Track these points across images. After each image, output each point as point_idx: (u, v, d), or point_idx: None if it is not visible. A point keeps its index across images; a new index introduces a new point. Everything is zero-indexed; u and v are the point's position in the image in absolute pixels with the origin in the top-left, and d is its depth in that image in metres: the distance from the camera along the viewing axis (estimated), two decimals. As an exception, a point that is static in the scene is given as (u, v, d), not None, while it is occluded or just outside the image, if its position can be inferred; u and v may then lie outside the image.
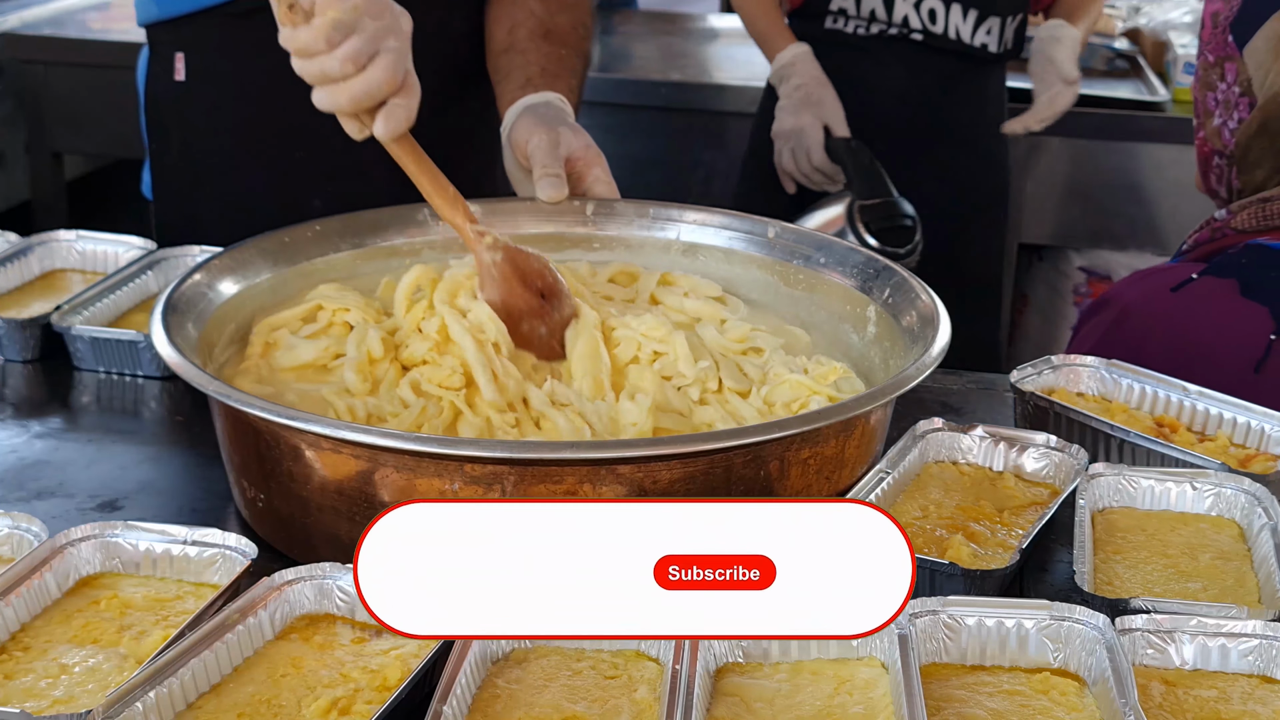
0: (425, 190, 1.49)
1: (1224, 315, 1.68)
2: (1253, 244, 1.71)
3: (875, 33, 2.72)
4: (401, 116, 1.42)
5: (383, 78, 1.39)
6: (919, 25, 2.69)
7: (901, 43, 2.72)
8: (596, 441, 1.31)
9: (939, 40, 2.71)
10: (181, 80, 1.91)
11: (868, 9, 2.70)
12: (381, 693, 1.04)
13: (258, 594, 1.11)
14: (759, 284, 1.65)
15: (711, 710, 1.04)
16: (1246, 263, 1.70)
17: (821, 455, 1.28)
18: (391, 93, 1.41)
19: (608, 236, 1.70)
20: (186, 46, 1.90)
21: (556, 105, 1.75)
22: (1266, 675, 1.10)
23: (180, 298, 1.42)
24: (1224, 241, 1.77)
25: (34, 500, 1.38)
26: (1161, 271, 1.80)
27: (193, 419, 1.56)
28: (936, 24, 2.69)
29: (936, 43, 2.71)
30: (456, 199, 1.49)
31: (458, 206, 1.49)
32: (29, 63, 3.62)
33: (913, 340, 1.42)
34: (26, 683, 1.06)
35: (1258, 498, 1.30)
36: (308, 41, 1.38)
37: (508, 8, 1.87)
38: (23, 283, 1.81)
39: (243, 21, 1.61)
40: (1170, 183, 3.25)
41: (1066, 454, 1.37)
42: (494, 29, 1.88)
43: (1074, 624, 1.09)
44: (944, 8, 2.68)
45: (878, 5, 2.69)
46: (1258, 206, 1.75)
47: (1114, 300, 1.78)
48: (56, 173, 3.74)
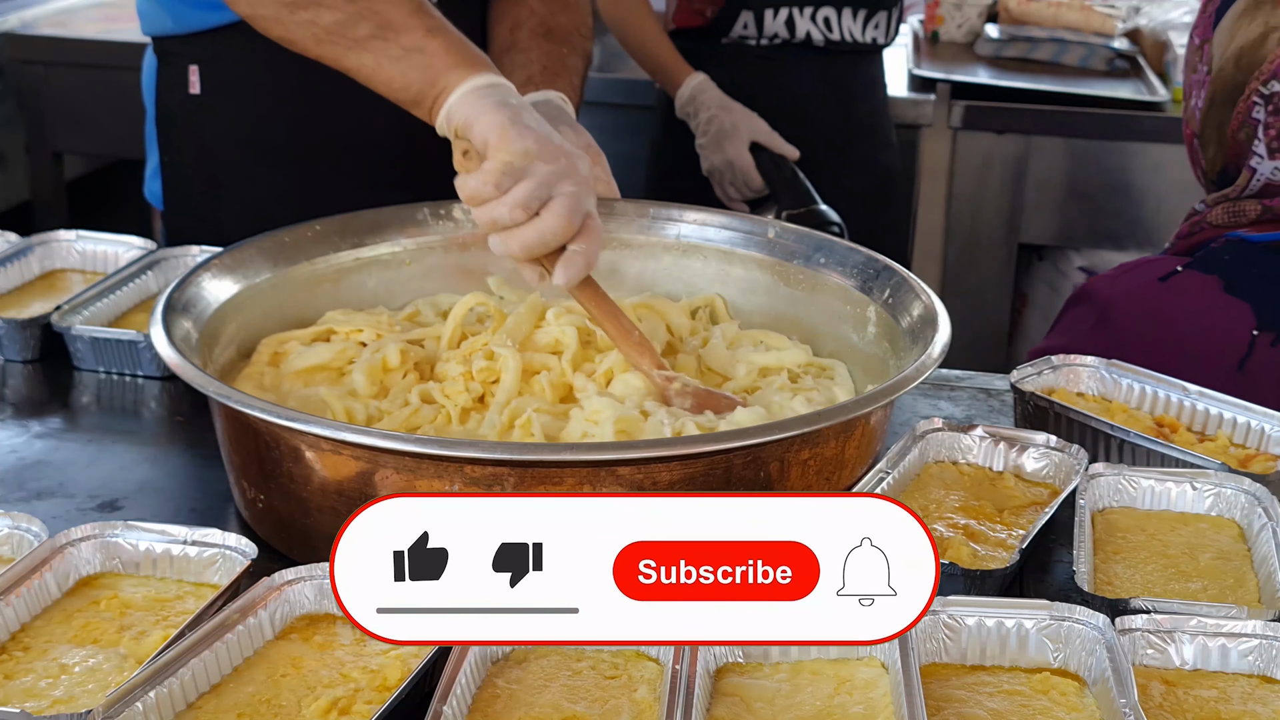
0: (611, 336, 1.45)
1: (1207, 311, 1.68)
2: (1232, 237, 1.71)
3: (779, 43, 2.82)
4: (580, 264, 1.39)
5: (555, 225, 1.36)
6: (820, 36, 2.81)
7: (804, 49, 2.82)
8: (597, 443, 1.31)
9: (837, 44, 2.82)
10: (197, 93, 1.91)
11: (770, 31, 2.80)
12: (381, 693, 1.04)
13: (258, 594, 1.11)
14: (759, 284, 1.65)
15: (711, 710, 1.04)
16: (1229, 259, 1.70)
17: (822, 456, 1.28)
18: (567, 238, 1.38)
19: (607, 236, 1.70)
20: (201, 59, 1.89)
21: (558, 104, 1.75)
22: (1266, 675, 1.10)
23: (180, 298, 1.42)
24: (1202, 235, 1.78)
25: (34, 500, 1.38)
26: (1145, 265, 1.80)
27: (193, 419, 1.56)
28: (834, 31, 2.81)
29: (835, 46, 2.82)
30: (644, 343, 1.45)
31: (645, 351, 1.44)
32: (29, 63, 3.62)
33: (913, 340, 1.42)
34: (26, 683, 1.06)
35: (1258, 498, 1.30)
36: (476, 188, 1.36)
37: (509, 7, 1.87)
38: (23, 283, 1.81)
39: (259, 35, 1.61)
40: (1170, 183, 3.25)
41: (1066, 454, 1.37)
42: (495, 28, 1.89)
43: (1074, 624, 1.09)
44: (837, 14, 2.80)
45: (780, 28, 2.79)
46: (1227, 206, 1.76)
47: (1096, 294, 1.78)
48: (56, 173, 3.74)
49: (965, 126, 3.35)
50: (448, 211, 1.69)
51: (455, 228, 1.69)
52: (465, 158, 1.37)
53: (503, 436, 1.36)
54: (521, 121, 1.39)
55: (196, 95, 1.91)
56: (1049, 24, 3.61)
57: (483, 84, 1.43)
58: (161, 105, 1.98)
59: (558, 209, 1.36)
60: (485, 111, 1.39)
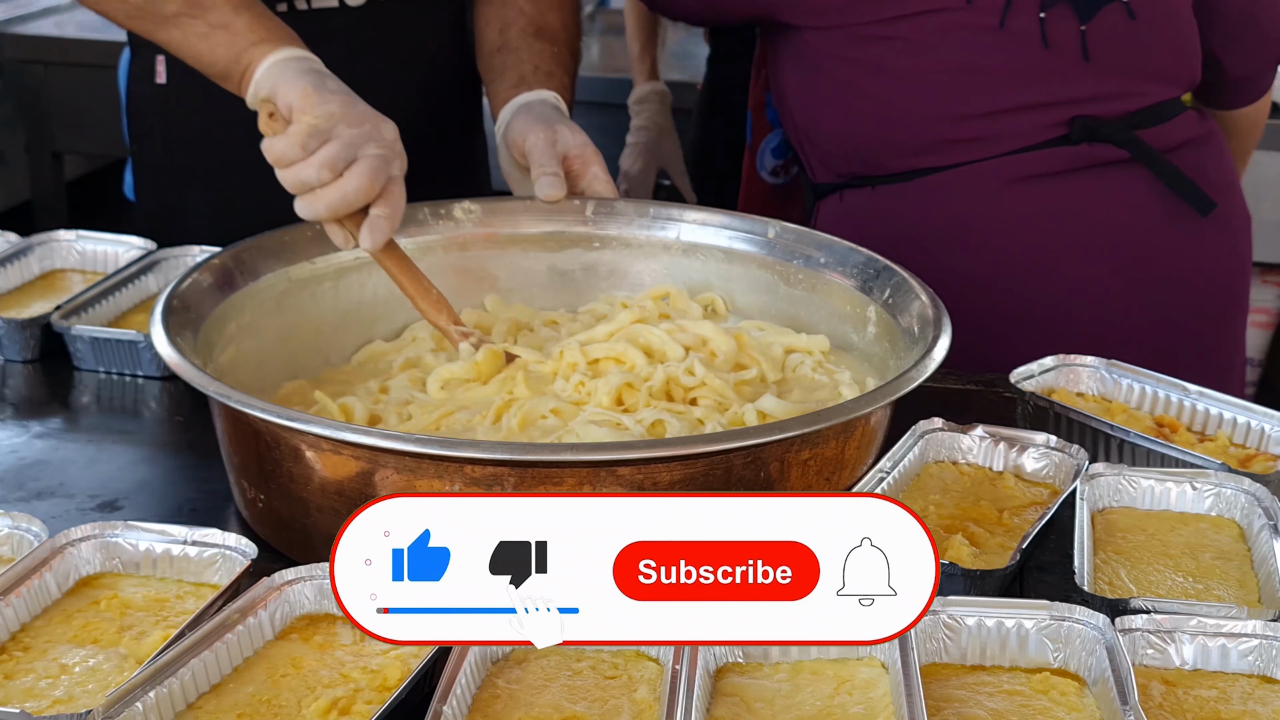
0: (410, 295, 1.51)
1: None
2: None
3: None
4: (384, 228, 1.44)
5: (359, 185, 1.40)
6: None
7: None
8: (597, 443, 1.31)
9: None
10: (163, 83, 1.91)
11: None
12: (381, 693, 1.04)
13: (258, 594, 1.11)
14: (759, 284, 1.65)
15: (711, 710, 1.04)
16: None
17: (822, 456, 1.28)
18: (369, 199, 1.42)
19: (608, 236, 1.71)
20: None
21: (551, 103, 1.75)
22: (1266, 675, 1.10)
23: (180, 298, 1.42)
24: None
25: (34, 500, 1.38)
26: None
27: (193, 419, 1.56)
28: None
29: None
30: (441, 301, 1.51)
31: (442, 309, 1.51)
32: (29, 63, 3.62)
33: (913, 340, 1.42)
34: (26, 683, 1.06)
35: (1258, 498, 1.30)
36: (284, 149, 1.41)
37: (498, 7, 1.87)
38: (23, 283, 1.81)
39: None
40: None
41: (1066, 454, 1.37)
42: (485, 29, 1.88)
43: (1074, 624, 1.09)
44: None
45: None
46: None
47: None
48: (56, 173, 3.74)
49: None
50: (448, 211, 1.69)
51: (455, 228, 1.69)
52: (271, 119, 1.42)
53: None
54: (326, 87, 1.43)
55: (163, 85, 1.91)
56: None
57: (287, 56, 1.47)
58: (131, 96, 1.99)
59: (361, 170, 1.40)
60: (290, 79, 1.44)
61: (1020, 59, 1.86)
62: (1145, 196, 1.91)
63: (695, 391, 1.43)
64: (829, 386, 1.46)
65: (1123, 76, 1.89)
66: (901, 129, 1.90)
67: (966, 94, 1.87)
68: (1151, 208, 1.91)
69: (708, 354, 1.49)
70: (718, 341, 1.50)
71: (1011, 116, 1.87)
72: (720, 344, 1.50)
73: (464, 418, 1.39)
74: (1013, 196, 1.89)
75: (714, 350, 1.50)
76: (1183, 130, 1.94)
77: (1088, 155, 1.89)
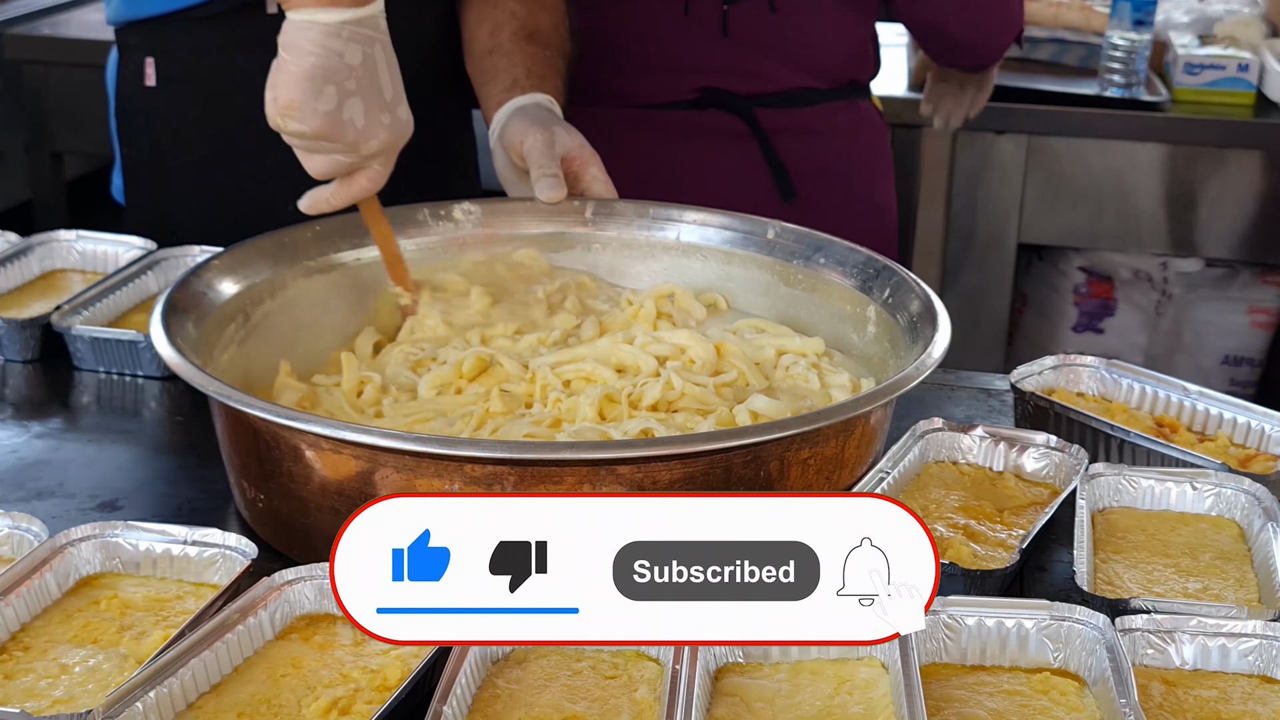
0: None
1: None
2: None
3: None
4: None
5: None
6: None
7: None
8: (596, 442, 1.31)
9: None
10: (152, 85, 1.90)
11: None
12: (381, 693, 1.04)
13: (258, 594, 1.11)
14: (759, 284, 1.65)
15: (711, 710, 1.04)
16: None
17: (822, 455, 1.28)
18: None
19: (608, 236, 1.71)
20: (157, 51, 1.89)
21: (546, 106, 1.75)
22: (1266, 675, 1.10)
23: (180, 298, 1.42)
24: None
25: (34, 500, 1.38)
26: None
27: (193, 419, 1.56)
28: None
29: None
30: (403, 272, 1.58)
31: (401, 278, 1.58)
32: (29, 63, 3.62)
33: (913, 340, 1.42)
34: (26, 683, 1.06)
35: (1258, 498, 1.30)
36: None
37: (488, 10, 1.87)
38: (23, 283, 1.81)
39: (212, 26, 1.61)
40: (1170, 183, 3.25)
41: (1066, 454, 1.37)
42: (475, 31, 1.88)
43: (1074, 624, 1.09)
44: None
45: None
46: None
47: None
48: (56, 173, 3.74)
49: (965, 126, 3.35)
50: (448, 213, 1.69)
51: (455, 229, 1.69)
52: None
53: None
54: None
55: (152, 88, 1.90)
56: (1049, 24, 3.60)
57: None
58: (120, 98, 1.98)
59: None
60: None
61: (663, 25, 2.08)
62: (758, 171, 2.12)
63: (676, 402, 1.42)
64: (819, 393, 1.45)
65: (759, 58, 2.09)
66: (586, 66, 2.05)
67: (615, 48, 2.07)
68: (762, 183, 2.12)
69: (685, 362, 1.48)
70: (695, 349, 1.49)
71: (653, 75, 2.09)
72: (698, 351, 1.48)
73: (440, 425, 1.38)
74: (631, 147, 2.07)
75: (692, 358, 1.48)
76: (813, 120, 2.13)
77: (713, 122, 2.09)
